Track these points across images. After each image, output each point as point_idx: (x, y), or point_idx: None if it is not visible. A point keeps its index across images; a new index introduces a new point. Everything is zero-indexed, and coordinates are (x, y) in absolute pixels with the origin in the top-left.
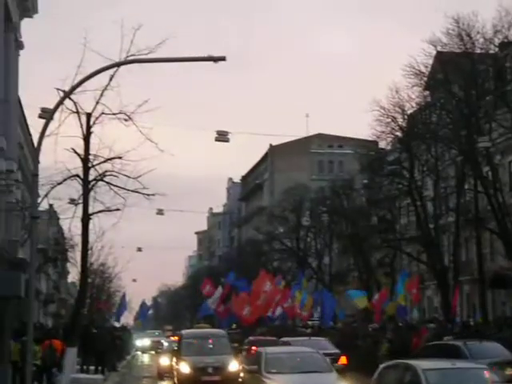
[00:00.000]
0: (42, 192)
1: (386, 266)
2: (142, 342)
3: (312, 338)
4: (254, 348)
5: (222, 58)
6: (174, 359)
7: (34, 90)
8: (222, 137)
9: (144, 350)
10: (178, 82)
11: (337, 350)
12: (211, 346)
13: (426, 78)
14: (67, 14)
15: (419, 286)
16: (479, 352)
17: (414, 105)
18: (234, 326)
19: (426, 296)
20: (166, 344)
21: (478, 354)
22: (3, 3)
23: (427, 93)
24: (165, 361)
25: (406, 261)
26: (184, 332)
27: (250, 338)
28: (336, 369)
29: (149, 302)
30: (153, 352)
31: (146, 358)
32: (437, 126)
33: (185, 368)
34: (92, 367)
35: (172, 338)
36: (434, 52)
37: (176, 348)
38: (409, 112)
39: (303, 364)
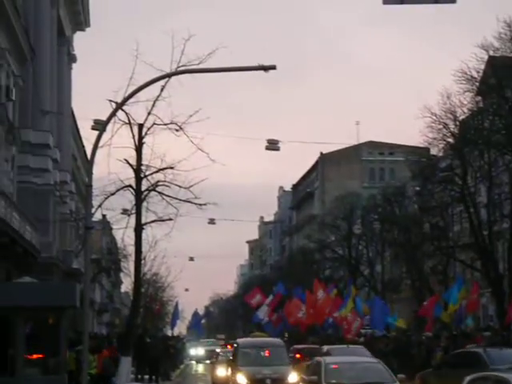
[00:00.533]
0: (95, 203)
1: (439, 274)
2: (196, 351)
3: (350, 346)
4: (297, 355)
5: (273, 67)
6: (230, 369)
7: (87, 102)
8: (273, 145)
9: (198, 360)
10: (229, 92)
11: (374, 359)
12: (268, 355)
13: (477, 84)
14: (118, 27)
15: (478, 293)
16: (499, 358)
17: (466, 110)
18: (286, 335)
19: (481, 304)
20: (221, 353)
21: (497, 361)
22: (56, 18)
23: (479, 98)
24: (221, 371)
25: (460, 268)
26: (240, 341)
27: (295, 346)
28: None
29: (201, 311)
30: (208, 361)
31: (199, 368)
32: (490, 132)
33: (242, 379)
34: (146, 376)
35: (228, 347)
36: (486, 57)
37: (231, 358)
38: (461, 118)
39: (365, 374)
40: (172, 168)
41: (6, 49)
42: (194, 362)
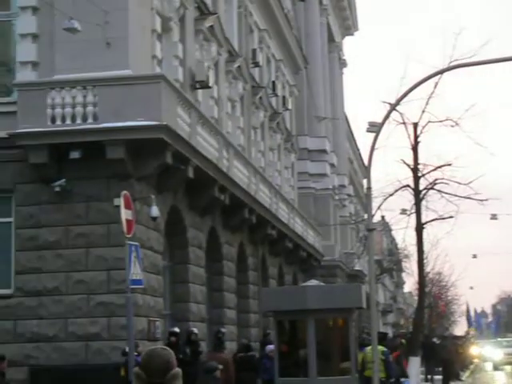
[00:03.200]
0: (374, 204)
1: None
2: (492, 352)
3: None
4: None
5: None
6: None
7: (358, 105)
8: None
9: (496, 365)
10: (507, 82)
11: None
12: None
13: None
14: (385, 28)
15: None
16: None
17: None
18: None
19: None
20: None
21: None
22: (326, 25)
23: None
24: None
25: None
26: None
27: None
28: None
29: (488, 310)
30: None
31: (491, 369)
32: None
33: None
34: (435, 377)
35: None
36: None
37: None
38: None
39: None
40: (450, 165)
41: (280, 60)
42: (488, 364)
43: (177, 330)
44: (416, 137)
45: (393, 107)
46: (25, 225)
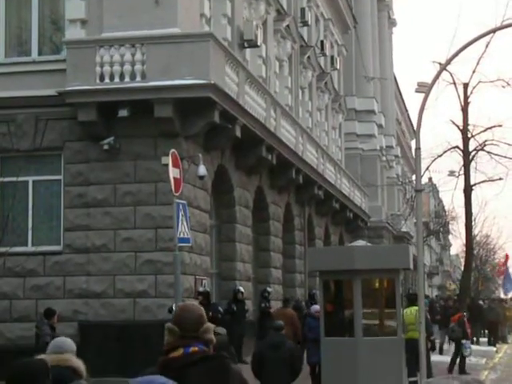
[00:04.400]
0: (422, 165)
1: None
2: None
3: None
4: None
5: None
6: None
7: (407, 65)
8: None
9: None
10: None
11: None
12: None
13: None
14: None
15: None
16: None
17: None
18: None
19: None
20: None
21: None
22: None
23: None
24: None
25: None
26: None
27: None
28: None
29: None
30: None
31: None
32: None
33: None
34: (482, 339)
35: None
36: None
37: None
38: None
39: None
40: (500, 126)
41: (329, 19)
42: None
43: (201, 289)
44: (466, 97)
45: (443, 67)
46: (74, 182)
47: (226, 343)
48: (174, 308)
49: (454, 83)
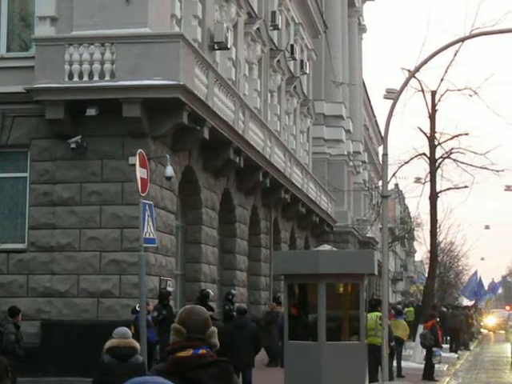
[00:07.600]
0: (388, 172)
1: None
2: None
3: None
4: None
5: None
6: None
7: (377, 71)
8: None
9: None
10: None
11: None
12: None
13: None
14: None
15: None
16: None
17: None
18: None
19: None
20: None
21: None
22: None
23: None
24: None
25: None
26: None
27: None
28: None
29: (498, 281)
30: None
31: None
32: None
33: None
34: (444, 345)
35: None
36: None
37: None
38: None
39: None
40: (467, 134)
41: (300, 24)
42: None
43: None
44: (434, 105)
45: (412, 74)
46: (39, 180)
47: None
48: (137, 309)
49: (422, 90)
